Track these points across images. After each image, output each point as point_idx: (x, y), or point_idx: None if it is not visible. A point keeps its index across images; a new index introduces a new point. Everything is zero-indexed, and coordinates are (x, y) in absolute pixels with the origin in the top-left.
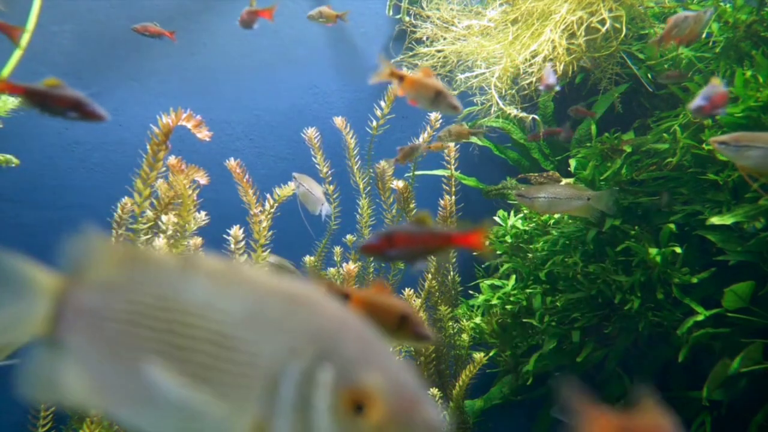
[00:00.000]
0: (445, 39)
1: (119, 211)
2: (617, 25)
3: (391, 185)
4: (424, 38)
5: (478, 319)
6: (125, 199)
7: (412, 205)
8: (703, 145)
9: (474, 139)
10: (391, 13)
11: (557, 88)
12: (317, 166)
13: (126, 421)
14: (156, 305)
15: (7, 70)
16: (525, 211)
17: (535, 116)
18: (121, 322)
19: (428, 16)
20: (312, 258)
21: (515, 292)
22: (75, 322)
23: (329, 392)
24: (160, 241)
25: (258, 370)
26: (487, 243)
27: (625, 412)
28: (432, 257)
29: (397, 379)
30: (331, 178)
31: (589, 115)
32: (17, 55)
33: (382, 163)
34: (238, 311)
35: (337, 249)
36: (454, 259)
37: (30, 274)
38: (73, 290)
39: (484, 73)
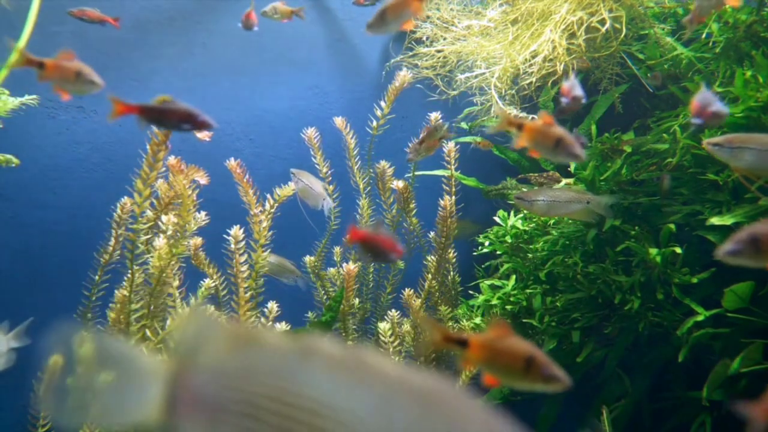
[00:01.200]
0: (445, 39)
1: (119, 211)
2: (617, 26)
3: (391, 185)
4: (424, 38)
5: (478, 320)
6: (125, 199)
7: (412, 205)
8: (703, 145)
9: (471, 139)
10: None
11: (584, 101)
12: (317, 166)
13: None
14: (273, 397)
15: (5, 70)
16: (525, 212)
17: (535, 116)
18: (237, 414)
19: (428, 16)
20: (312, 258)
21: (515, 292)
22: (188, 411)
23: None
24: (160, 241)
25: None
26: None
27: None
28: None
29: None
30: (331, 178)
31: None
32: (16, 54)
33: (382, 163)
34: (364, 411)
35: (337, 249)
36: (454, 260)
37: (143, 361)
38: (186, 377)
39: (483, 73)
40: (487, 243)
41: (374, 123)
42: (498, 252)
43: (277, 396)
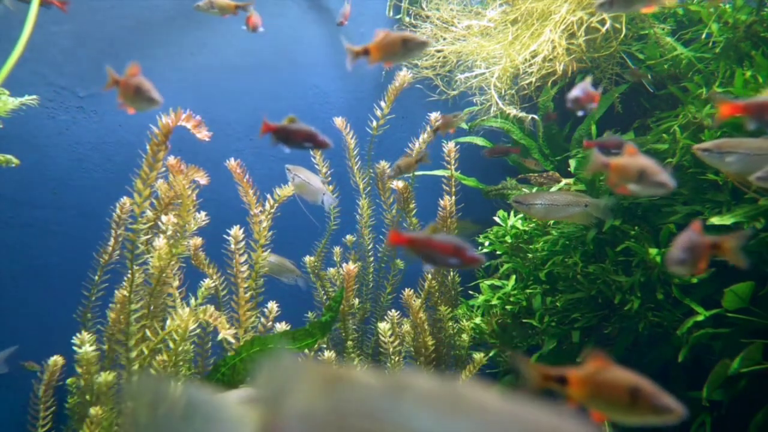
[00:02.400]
0: (444, 39)
1: (118, 211)
2: (617, 26)
3: (391, 185)
4: (424, 38)
5: (478, 320)
6: (124, 199)
7: (412, 205)
8: (693, 150)
9: (471, 139)
10: (391, 13)
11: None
12: (317, 166)
13: None
14: None
15: (6, 70)
16: None
17: (535, 116)
18: None
19: (428, 17)
20: (312, 258)
21: (515, 292)
22: None
23: None
24: (160, 241)
25: None
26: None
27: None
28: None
29: None
30: (330, 178)
31: (511, 152)
32: (16, 55)
33: (382, 163)
34: None
35: (337, 249)
36: None
37: (231, 413)
38: (275, 425)
39: (483, 73)
40: (487, 243)
41: (374, 123)
42: (498, 252)
43: None
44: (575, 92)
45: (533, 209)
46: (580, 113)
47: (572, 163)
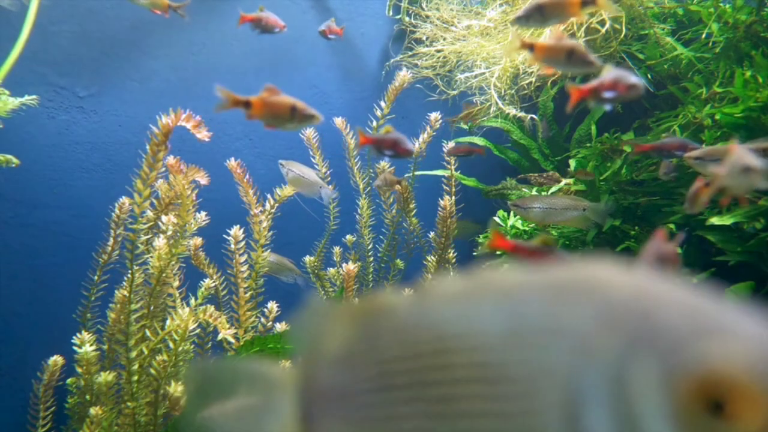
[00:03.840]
0: (444, 39)
1: (117, 210)
2: (617, 26)
3: (400, 181)
4: (424, 38)
5: None
6: (123, 199)
7: (412, 205)
8: (703, 145)
9: (471, 139)
10: (390, 13)
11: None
12: (317, 166)
13: None
14: (399, 356)
15: (5, 69)
16: None
17: (534, 116)
18: (373, 391)
19: (428, 17)
20: (312, 258)
21: None
22: (326, 410)
23: (659, 393)
24: (160, 242)
25: (544, 397)
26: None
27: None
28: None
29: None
30: (330, 179)
31: (474, 152)
32: (15, 54)
33: (382, 163)
34: (497, 328)
35: (337, 249)
36: (454, 260)
37: (267, 373)
38: (314, 376)
39: (483, 73)
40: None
41: (374, 123)
42: (498, 252)
43: (404, 353)
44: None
45: (531, 213)
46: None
47: (572, 163)
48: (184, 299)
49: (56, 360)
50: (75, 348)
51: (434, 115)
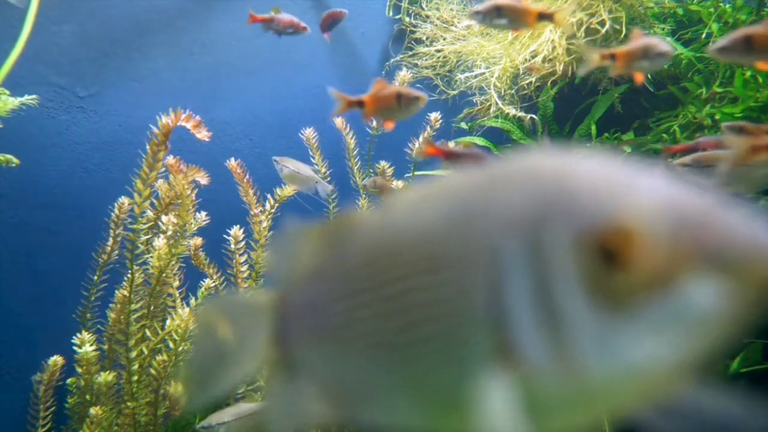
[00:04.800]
0: (444, 39)
1: (116, 210)
2: (617, 26)
3: (391, 185)
4: (424, 38)
5: None
6: (123, 199)
7: None
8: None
9: (471, 139)
10: (390, 13)
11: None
12: (316, 166)
13: (371, 421)
14: (363, 263)
15: (5, 69)
16: None
17: (534, 116)
18: (339, 300)
19: (428, 16)
20: None
21: None
22: (298, 324)
23: (566, 253)
24: (160, 241)
25: (475, 275)
26: None
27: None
28: None
29: (669, 196)
30: (330, 179)
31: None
32: (15, 54)
33: (382, 163)
34: (439, 222)
35: None
36: None
37: (248, 301)
38: (289, 294)
39: (483, 73)
40: None
41: (374, 123)
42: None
43: (363, 261)
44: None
45: None
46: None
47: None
48: (184, 299)
49: (56, 360)
50: (75, 348)
51: (434, 115)
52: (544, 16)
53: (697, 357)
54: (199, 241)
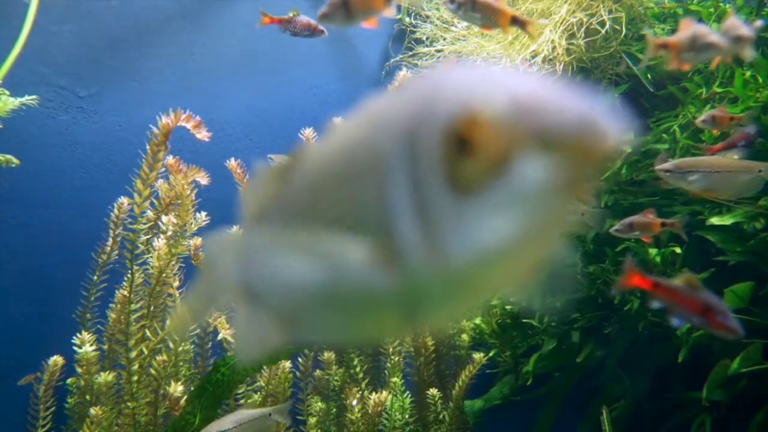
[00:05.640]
0: (444, 39)
1: (116, 210)
2: (617, 26)
3: None
4: (424, 38)
5: (477, 320)
6: (122, 199)
7: None
8: (702, 146)
9: None
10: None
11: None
12: None
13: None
14: (304, 185)
15: (5, 69)
16: None
17: None
18: (287, 217)
19: (428, 16)
20: None
21: None
22: (254, 254)
23: (432, 146)
24: (159, 242)
25: (371, 180)
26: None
27: None
28: None
29: (515, 87)
30: None
31: None
32: (15, 54)
33: None
34: (353, 141)
35: None
36: None
37: (216, 240)
38: (248, 228)
39: None
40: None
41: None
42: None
43: (303, 182)
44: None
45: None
46: None
47: None
48: (184, 299)
49: (56, 360)
50: (75, 348)
51: None
52: (517, 22)
53: (542, 233)
54: (199, 241)
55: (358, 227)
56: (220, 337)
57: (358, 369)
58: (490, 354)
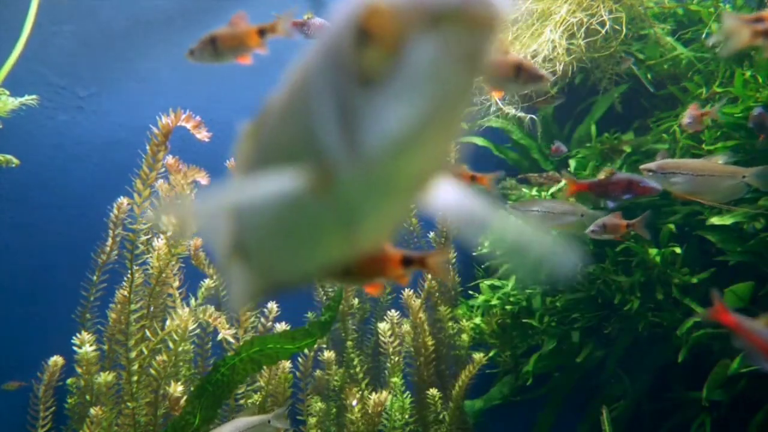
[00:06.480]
0: None
1: (115, 210)
2: (617, 27)
3: None
4: None
5: (477, 320)
6: (122, 199)
7: (411, 206)
8: (703, 146)
9: (471, 139)
10: None
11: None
12: None
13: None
14: (266, 142)
15: (5, 69)
16: None
17: (534, 116)
18: (261, 162)
19: None
20: None
21: (515, 292)
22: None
23: (345, 46)
24: (159, 242)
25: (306, 108)
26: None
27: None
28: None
29: None
30: None
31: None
32: (15, 54)
33: None
34: (297, 77)
35: None
36: (454, 260)
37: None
38: (234, 172)
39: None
40: (486, 243)
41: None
42: (498, 252)
43: (269, 138)
44: None
45: (529, 216)
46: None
47: (572, 163)
48: (184, 299)
49: (56, 360)
50: (75, 348)
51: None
52: (265, 32)
53: (447, 112)
54: (199, 241)
55: (299, 155)
56: (220, 337)
57: (358, 369)
58: (490, 354)
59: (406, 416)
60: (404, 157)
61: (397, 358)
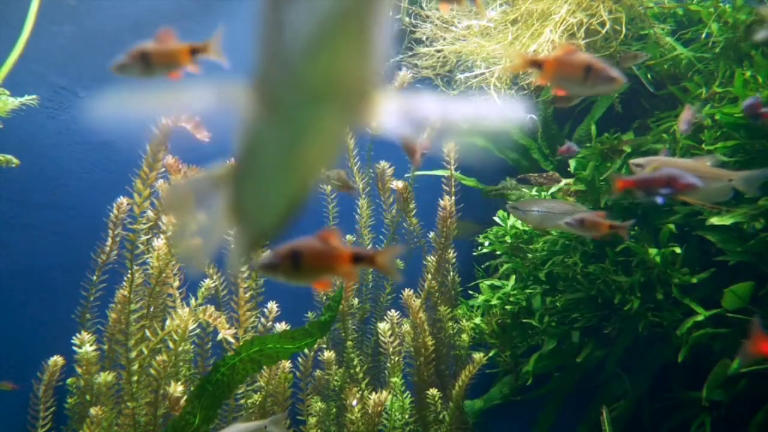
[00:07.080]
0: (444, 39)
1: (115, 210)
2: (617, 27)
3: (391, 185)
4: (424, 38)
5: (477, 320)
6: (121, 199)
7: (411, 205)
8: (702, 146)
9: (473, 139)
10: (390, 13)
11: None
12: None
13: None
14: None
15: (5, 69)
16: None
17: (533, 116)
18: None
19: (428, 16)
20: None
21: (515, 292)
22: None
23: None
24: (159, 242)
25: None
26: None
27: None
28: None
29: None
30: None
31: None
32: (15, 54)
33: (382, 163)
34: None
35: None
36: (454, 260)
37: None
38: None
39: (483, 74)
40: (486, 243)
41: (373, 123)
42: (498, 252)
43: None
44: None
45: (529, 216)
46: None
47: (572, 163)
48: (184, 299)
49: (56, 360)
50: (75, 348)
51: None
52: (197, 51)
53: (347, 14)
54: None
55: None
56: (220, 337)
57: (358, 369)
58: (490, 354)
59: (406, 416)
60: (318, 55)
61: (397, 358)
